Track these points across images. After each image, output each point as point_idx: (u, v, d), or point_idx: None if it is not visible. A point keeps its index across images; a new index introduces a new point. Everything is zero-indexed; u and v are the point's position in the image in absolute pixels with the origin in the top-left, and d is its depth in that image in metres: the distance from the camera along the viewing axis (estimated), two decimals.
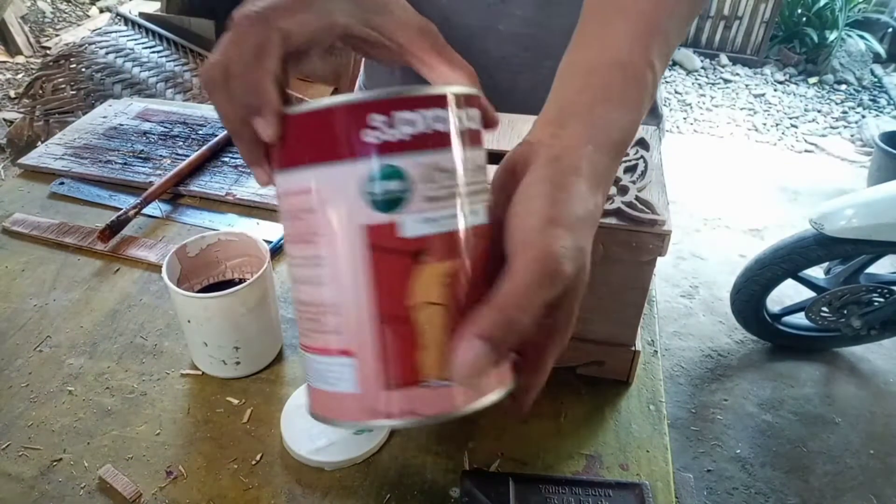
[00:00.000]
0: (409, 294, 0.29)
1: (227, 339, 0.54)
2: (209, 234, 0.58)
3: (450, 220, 0.30)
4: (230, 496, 0.48)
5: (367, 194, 0.29)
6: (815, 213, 1.60)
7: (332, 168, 0.29)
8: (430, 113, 0.29)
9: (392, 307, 0.29)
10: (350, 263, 0.29)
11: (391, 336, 0.30)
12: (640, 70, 0.37)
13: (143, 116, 0.95)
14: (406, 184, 0.29)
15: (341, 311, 0.30)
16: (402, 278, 0.29)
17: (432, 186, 0.29)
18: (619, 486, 0.49)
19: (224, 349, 0.55)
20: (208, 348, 0.55)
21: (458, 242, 0.30)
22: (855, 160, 3.07)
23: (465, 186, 0.30)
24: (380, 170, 0.28)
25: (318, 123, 0.30)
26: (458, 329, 0.30)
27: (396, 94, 0.29)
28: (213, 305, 0.52)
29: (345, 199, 0.29)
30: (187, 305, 0.53)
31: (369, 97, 0.29)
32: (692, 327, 2.03)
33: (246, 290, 0.52)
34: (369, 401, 0.30)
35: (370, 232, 0.29)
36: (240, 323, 0.54)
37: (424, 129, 0.29)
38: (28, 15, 3.61)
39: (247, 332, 0.55)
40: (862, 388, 1.83)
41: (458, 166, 0.30)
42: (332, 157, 0.29)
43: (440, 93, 0.30)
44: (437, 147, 0.29)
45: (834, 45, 3.69)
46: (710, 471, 1.60)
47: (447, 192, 0.30)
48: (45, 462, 0.50)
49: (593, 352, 0.57)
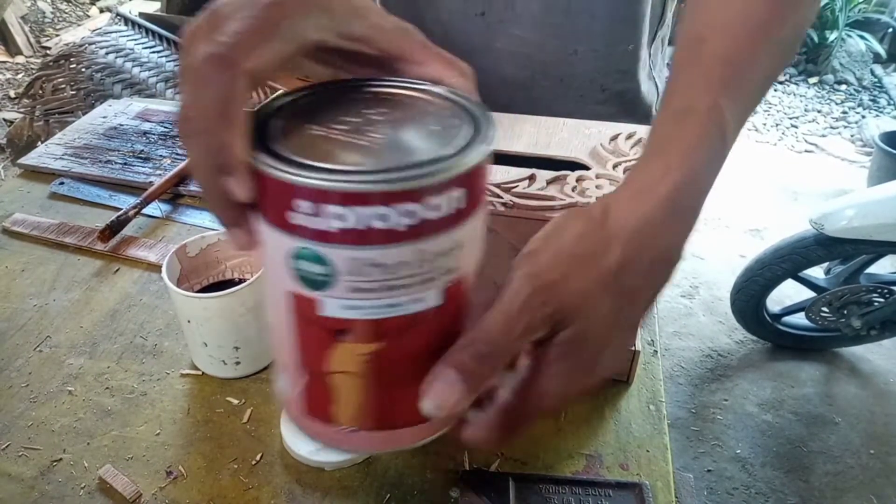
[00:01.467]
0: (327, 361, 0.29)
1: (226, 339, 0.54)
2: (209, 234, 0.58)
3: (378, 309, 0.28)
4: (230, 496, 0.48)
5: (293, 268, 0.28)
6: (815, 214, 1.60)
7: (273, 230, 0.28)
8: (368, 211, 0.25)
9: (312, 364, 0.30)
10: (282, 317, 0.30)
11: (311, 384, 0.31)
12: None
13: (143, 116, 0.95)
14: (329, 270, 0.27)
15: (281, 339, 0.31)
16: (322, 347, 0.29)
17: (360, 279, 0.27)
18: (619, 486, 0.49)
19: (224, 349, 0.55)
20: (208, 348, 0.55)
21: (384, 329, 0.28)
22: (855, 160, 3.07)
23: (408, 278, 0.27)
24: (302, 252, 0.27)
25: (262, 185, 0.28)
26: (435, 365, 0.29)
27: (334, 186, 0.25)
28: (212, 305, 0.52)
29: (278, 263, 0.28)
30: (187, 305, 0.53)
31: (305, 181, 0.25)
32: (692, 327, 2.03)
33: (246, 290, 0.52)
34: (298, 420, 0.33)
35: (295, 300, 0.29)
36: (239, 323, 0.54)
37: (356, 226, 0.25)
38: (28, 15, 3.61)
39: (247, 332, 0.55)
40: (862, 388, 1.83)
41: (398, 262, 0.27)
42: (271, 221, 0.28)
43: (385, 190, 0.25)
44: (370, 244, 0.26)
45: (834, 45, 3.69)
46: (710, 471, 1.60)
47: (379, 285, 0.27)
48: (45, 462, 0.50)
49: None
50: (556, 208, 0.49)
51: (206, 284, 0.60)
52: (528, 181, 0.52)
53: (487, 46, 0.73)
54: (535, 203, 0.49)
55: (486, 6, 0.70)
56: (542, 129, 0.58)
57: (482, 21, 0.71)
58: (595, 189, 0.50)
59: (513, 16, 0.70)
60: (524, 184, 0.51)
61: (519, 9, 0.69)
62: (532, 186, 0.51)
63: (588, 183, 0.51)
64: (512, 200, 0.50)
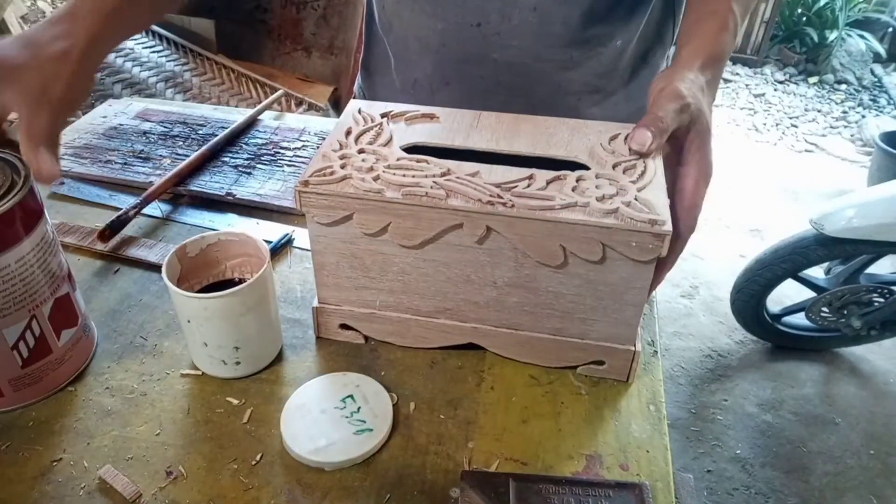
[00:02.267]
0: None
1: (227, 339, 0.54)
2: (209, 234, 0.58)
3: None
4: (230, 496, 0.48)
5: None
6: (815, 214, 1.60)
7: None
8: None
9: None
10: None
11: None
12: None
13: (143, 116, 0.95)
14: None
15: None
16: None
17: None
18: (619, 486, 0.49)
19: (224, 349, 0.55)
20: (208, 348, 0.55)
21: None
22: (855, 160, 3.07)
23: None
24: None
25: None
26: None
27: None
28: (212, 305, 0.52)
29: None
30: (187, 305, 0.53)
31: None
32: (692, 327, 2.03)
33: (246, 290, 0.52)
34: None
35: None
36: (240, 323, 0.54)
37: None
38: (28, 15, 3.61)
39: (247, 332, 0.55)
40: (862, 388, 1.83)
41: None
42: None
43: None
44: None
45: (834, 44, 3.69)
46: (710, 471, 1.60)
47: None
48: (45, 462, 0.50)
49: (593, 351, 0.57)
50: (556, 208, 0.49)
51: (206, 284, 0.60)
52: (527, 181, 0.52)
53: (484, 56, 0.72)
54: (535, 203, 0.49)
55: (482, 17, 0.70)
56: (542, 129, 0.58)
57: (478, 32, 0.71)
58: (595, 189, 0.50)
59: (509, 27, 0.70)
60: (523, 184, 0.51)
61: (515, 20, 0.69)
62: (532, 186, 0.51)
63: (588, 183, 0.51)
64: (511, 200, 0.50)
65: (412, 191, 0.51)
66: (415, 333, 0.59)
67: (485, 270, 0.54)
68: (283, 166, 0.85)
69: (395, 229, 0.52)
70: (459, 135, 0.58)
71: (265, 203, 0.78)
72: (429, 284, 0.56)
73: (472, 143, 0.57)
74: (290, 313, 0.64)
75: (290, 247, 0.73)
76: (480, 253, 0.53)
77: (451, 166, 0.53)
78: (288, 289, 0.67)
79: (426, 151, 0.56)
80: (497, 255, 0.53)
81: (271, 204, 0.78)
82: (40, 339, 0.53)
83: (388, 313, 0.59)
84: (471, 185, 0.51)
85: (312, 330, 0.62)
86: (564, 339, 0.57)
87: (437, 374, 0.58)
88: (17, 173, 0.50)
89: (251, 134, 0.92)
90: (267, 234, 0.73)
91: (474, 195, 0.50)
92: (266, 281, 0.55)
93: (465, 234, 0.51)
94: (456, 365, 0.59)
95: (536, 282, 0.53)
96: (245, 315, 0.54)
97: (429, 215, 0.51)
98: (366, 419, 0.53)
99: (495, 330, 0.58)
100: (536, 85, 0.74)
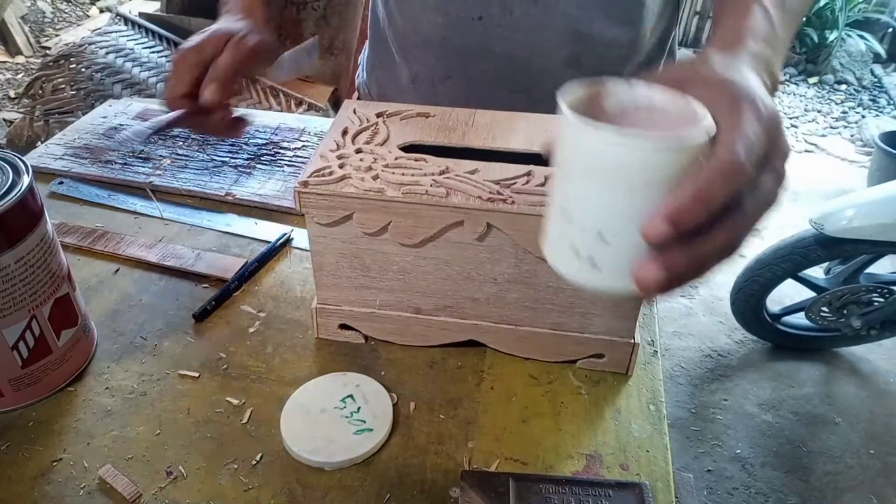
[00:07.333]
0: None
1: (616, 220, 0.35)
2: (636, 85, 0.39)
3: None
4: (230, 496, 0.48)
5: None
6: (815, 213, 1.60)
7: None
8: None
9: None
10: None
11: None
12: None
13: (143, 116, 0.95)
14: None
15: None
16: None
17: None
18: (619, 486, 0.49)
19: (588, 234, 0.35)
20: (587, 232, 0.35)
21: None
22: (855, 160, 3.07)
23: None
24: None
25: None
26: None
27: None
28: (666, 161, 0.33)
29: None
30: (609, 150, 0.33)
31: None
32: (692, 327, 2.03)
33: (704, 145, 0.34)
34: None
35: None
36: (654, 195, 0.34)
37: None
38: (28, 15, 3.61)
39: (638, 215, 0.34)
40: (862, 388, 1.83)
41: None
42: None
43: None
44: None
45: (834, 45, 3.69)
46: (710, 471, 1.60)
47: None
48: (45, 462, 0.50)
49: (593, 345, 0.57)
50: None
51: None
52: (525, 177, 0.52)
53: (486, 51, 0.72)
54: (534, 199, 0.50)
55: (484, 11, 0.70)
56: (538, 126, 0.58)
57: (480, 25, 0.71)
58: None
59: (511, 20, 0.70)
60: (522, 180, 0.51)
61: (517, 14, 0.69)
62: (530, 183, 0.51)
63: None
64: (512, 197, 0.50)
65: (412, 189, 0.51)
66: (415, 332, 0.59)
67: (485, 267, 0.54)
68: (283, 166, 0.85)
69: (395, 228, 0.52)
70: (455, 133, 0.58)
71: (265, 203, 0.78)
72: (429, 282, 0.56)
73: (468, 141, 0.57)
74: (289, 313, 0.64)
75: (289, 247, 0.73)
76: (480, 250, 0.53)
77: (449, 164, 0.53)
78: (288, 289, 0.67)
79: (423, 150, 0.56)
80: (497, 251, 0.53)
81: (271, 204, 0.78)
82: (40, 339, 0.53)
83: (388, 312, 0.59)
84: (470, 182, 0.51)
85: (312, 330, 0.62)
86: (564, 334, 0.57)
87: (436, 374, 0.58)
88: (17, 173, 0.50)
89: (251, 134, 0.92)
90: (266, 235, 0.73)
91: (474, 192, 0.50)
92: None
93: (466, 231, 0.51)
94: (456, 365, 0.59)
95: (536, 277, 0.54)
96: (661, 186, 0.34)
97: (429, 213, 0.51)
98: (366, 419, 0.53)
99: (495, 326, 0.58)
100: (538, 80, 0.73)
